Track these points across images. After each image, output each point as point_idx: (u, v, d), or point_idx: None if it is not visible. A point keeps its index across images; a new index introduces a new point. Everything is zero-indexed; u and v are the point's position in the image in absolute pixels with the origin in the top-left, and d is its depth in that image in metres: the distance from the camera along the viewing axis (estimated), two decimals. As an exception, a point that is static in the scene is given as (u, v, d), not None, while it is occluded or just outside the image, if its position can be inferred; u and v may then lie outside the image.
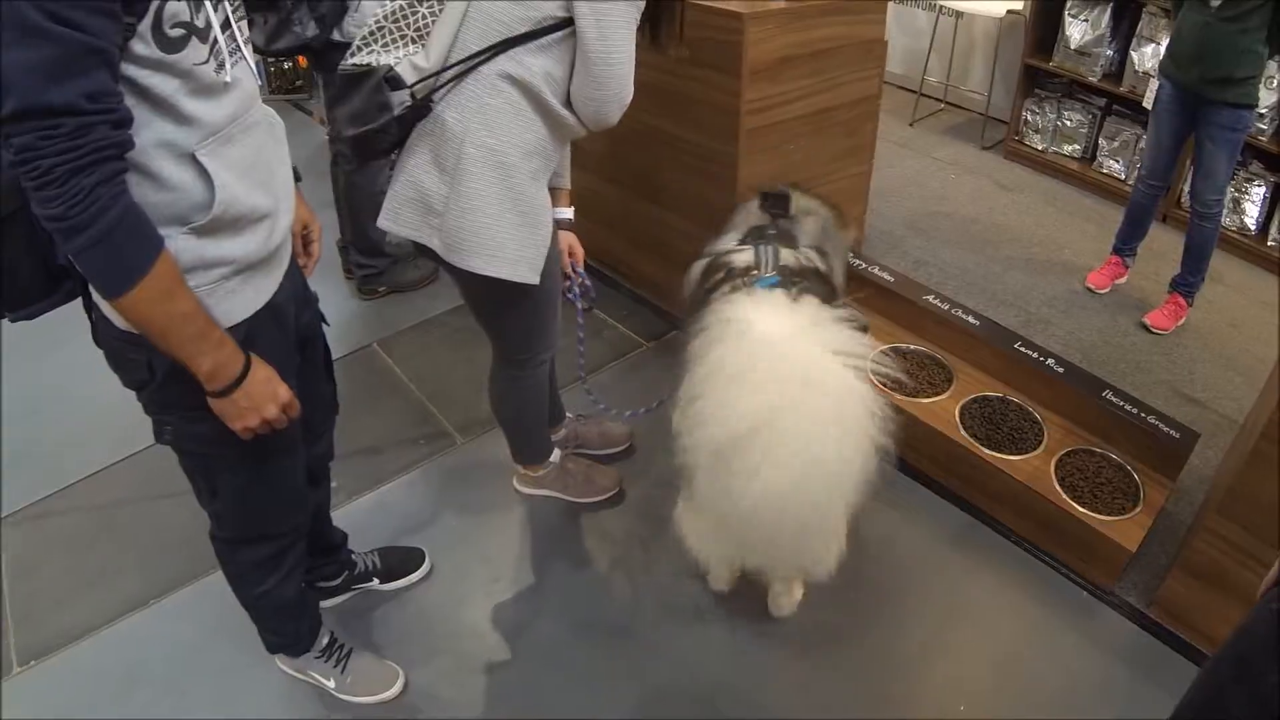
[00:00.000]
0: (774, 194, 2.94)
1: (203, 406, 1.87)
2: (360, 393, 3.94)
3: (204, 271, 1.78)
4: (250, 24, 3.49)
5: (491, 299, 2.67)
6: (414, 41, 2.39)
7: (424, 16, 2.38)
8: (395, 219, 2.53)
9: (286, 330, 2.10)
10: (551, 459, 3.32)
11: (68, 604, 3.09)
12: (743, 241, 2.82)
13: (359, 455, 3.59)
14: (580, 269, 2.97)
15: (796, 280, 2.63)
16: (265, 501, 2.25)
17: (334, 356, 3.88)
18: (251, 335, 1.91)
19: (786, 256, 2.73)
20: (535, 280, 2.49)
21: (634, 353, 4.23)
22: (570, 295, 2.99)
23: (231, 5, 1.77)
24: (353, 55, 2.43)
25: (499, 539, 3.29)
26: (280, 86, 7.32)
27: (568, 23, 2.29)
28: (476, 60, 2.33)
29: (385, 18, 2.39)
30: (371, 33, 2.40)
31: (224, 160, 1.74)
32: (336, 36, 3.67)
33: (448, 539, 3.26)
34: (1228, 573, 2.87)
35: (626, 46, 2.32)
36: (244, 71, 1.81)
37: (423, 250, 2.56)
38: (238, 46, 1.78)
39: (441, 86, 2.38)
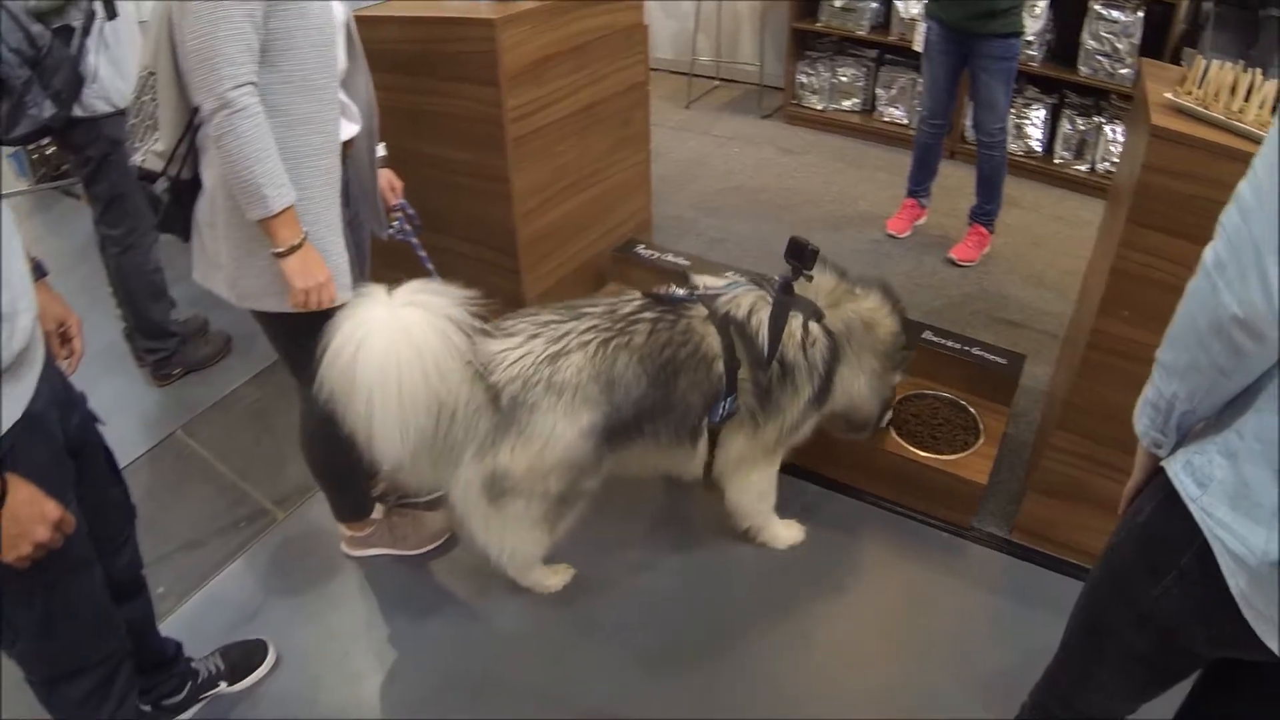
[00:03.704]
0: (799, 245, 2.80)
1: None
2: (171, 486, 3.70)
3: None
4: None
5: (285, 338, 2.59)
6: (154, 129, 2.37)
7: (148, 105, 2.37)
8: (200, 274, 2.55)
9: (52, 439, 1.89)
10: (374, 515, 3.17)
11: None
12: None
13: (180, 553, 3.35)
14: (399, 202, 2.91)
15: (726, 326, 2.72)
16: (69, 631, 2.03)
17: (138, 451, 3.69)
18: (12, 453, 1.71)
19: (746, 301, 2.80)
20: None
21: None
22: (399, 234, 2.94)
23: None
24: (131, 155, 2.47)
25: (341, 610, 3.11)
26: (46, 175, 6.86)
27: None
28: (193, 125, 2.31)
29: (131, 114, 2.41)
30: (130, 129, 2.41)
31: None
32: (78, 112, 3.43)
33: (288, 621, 3.06)
34: (1079, 483, 2.90)
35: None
36: None
37: None
38: None
39: (186, 160, 2.36)
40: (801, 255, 2.74)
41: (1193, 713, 1.79)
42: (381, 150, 2.80)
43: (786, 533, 3.17)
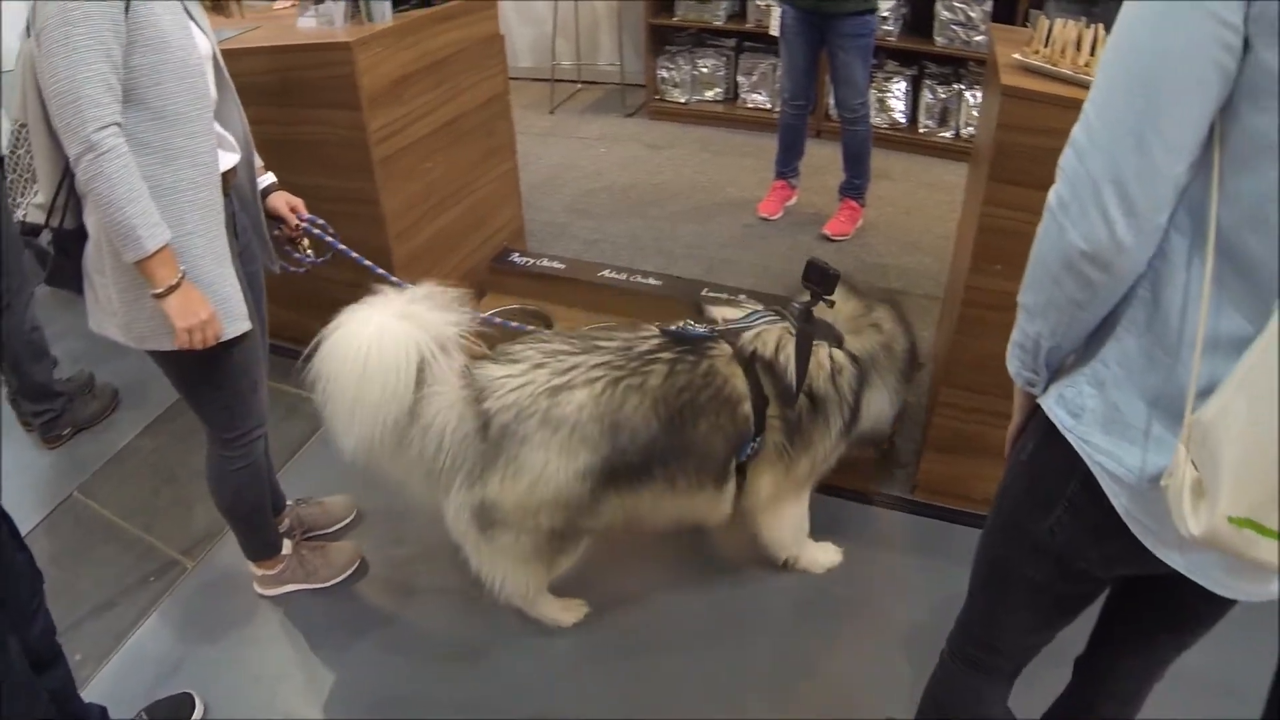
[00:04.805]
0: (820, 269, 2.59)
1: None
2: (75, 549, 3.57)
3: None
4: None
5: (186, 376, 2.53)
6: (33, 181, 2.32)
7: (24, 158, 2.31)
8: (95, 323, 2.47)
9: None
10: (284, 551, 3.12)
11: None
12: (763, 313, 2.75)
13: (92, 616, 3.24)
14: (306, 216, 2.87)
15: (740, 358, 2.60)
16: None
17: (36, 518, 3.58)
18: None
19: (772, 337, 2.65)
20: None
21: (333, 417, 4.01)
22: (309, 261, 2.91)
23: None
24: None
25: (263, 651, 3.05)
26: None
27: None
28: (70, 172, 2.21)
29: (8, 169, 2.34)
30: (9, 185, 2.36)
31: None
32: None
33: (212, 670, 2.99)
34: (972, 436, 2.99)
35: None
36: None
37: None
38: None
39: (67, 209, 2.30)
40: (823, 280, 2.58)
41: (1103, 633, 1.88)
42: (271, 177, 2.79)
43: (824, 556, 3.08)
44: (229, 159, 2.46)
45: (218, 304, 2.33)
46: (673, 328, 2.66)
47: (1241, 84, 1.10)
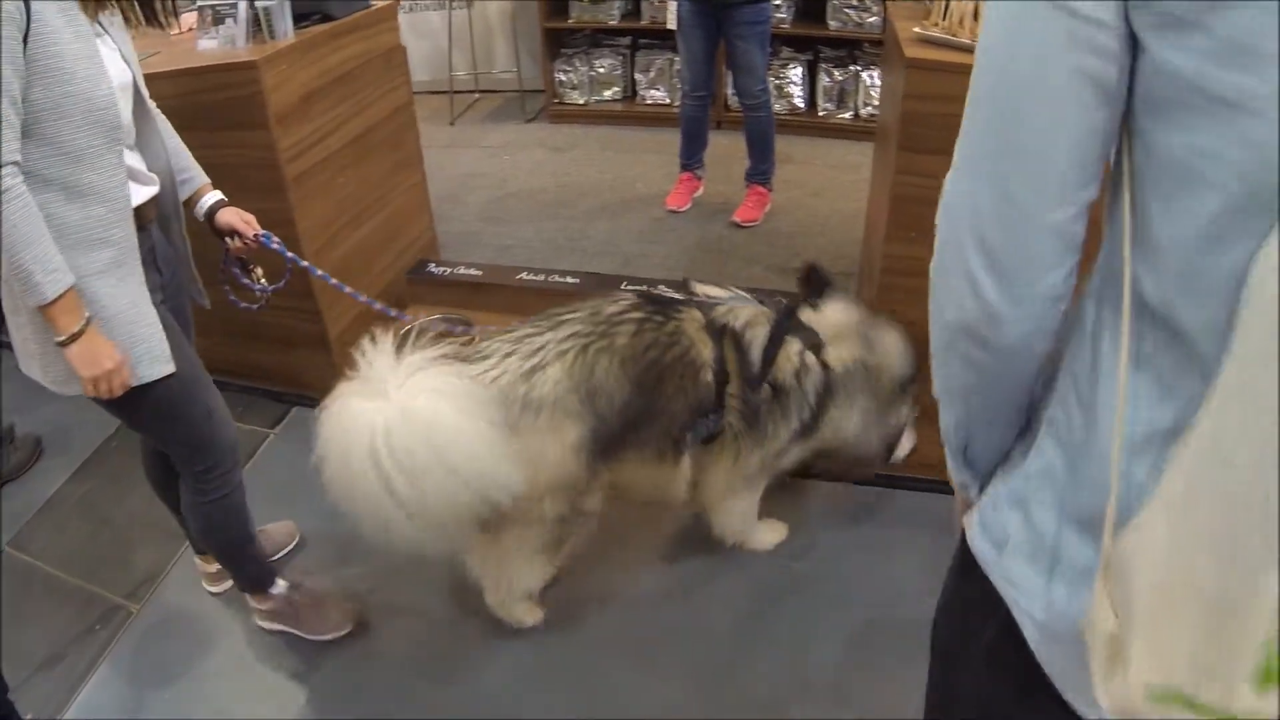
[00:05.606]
0: (815, 272, 2.63)
1: None
2: (13, 607, 3.41)
3: None
4: None
5: (127, 417, 2.48)
6: None
7: None
8: (23, 364, 2.39)
9: None
10: (275, 590, 2.99)
11: None
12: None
13: (40, 674, 3.12)
14: (260, 232, 2.76)
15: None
16: None
17: (-31, 578, 3.44)
18: None
19: (745, 314, 2.64)
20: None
21: (264, 445, 3.96)
22: (258, 286, 2.86)
23: None
24: None
25: (221, 687, 2.97)
26: None
27: None
28: None
29: None
30: None
31: None
32: None
33: (170, 713, 2.90)
34: None
35: None
36: None
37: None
38: None
39: None
40: (814, 282, 2.63)
41: None
42: (218, 194, 2.73)
43: (770, 535, 3.12)
44: (147, 191, 2.38)
45: (134, 345, 2.26)
46: (646, 289, 2.66)
47: (1139, 95, 0.86)
